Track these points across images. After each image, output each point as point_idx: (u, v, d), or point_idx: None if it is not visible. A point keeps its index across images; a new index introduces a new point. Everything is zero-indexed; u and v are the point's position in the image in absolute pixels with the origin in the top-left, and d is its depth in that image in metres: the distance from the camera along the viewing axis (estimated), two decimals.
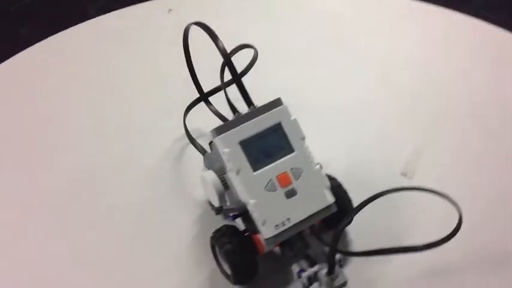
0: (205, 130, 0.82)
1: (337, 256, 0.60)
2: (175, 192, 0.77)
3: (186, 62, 0.79)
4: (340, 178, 0.68)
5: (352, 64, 0.96)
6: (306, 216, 0.61)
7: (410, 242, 0.58)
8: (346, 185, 0.67)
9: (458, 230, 0.58)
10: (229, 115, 0.77)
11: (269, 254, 0.65)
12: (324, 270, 0.60)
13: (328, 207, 0.62)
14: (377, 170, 0.78)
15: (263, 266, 0.65)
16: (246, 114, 0.61)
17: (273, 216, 0.60)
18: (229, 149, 0.60)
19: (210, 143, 0.72)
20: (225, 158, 0.60)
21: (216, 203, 0.67)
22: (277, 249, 0.66)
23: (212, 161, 0.69)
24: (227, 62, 0.64)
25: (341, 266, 0.61)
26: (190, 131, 0.80)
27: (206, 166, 0.73)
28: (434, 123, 0.85)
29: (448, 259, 0.67)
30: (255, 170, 0.60)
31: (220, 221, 0.71)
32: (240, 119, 0.61)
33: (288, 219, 0.60)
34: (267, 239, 0.60)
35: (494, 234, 0.70)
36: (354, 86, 0.92)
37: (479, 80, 0.91)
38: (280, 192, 0.60)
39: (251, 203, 0.59)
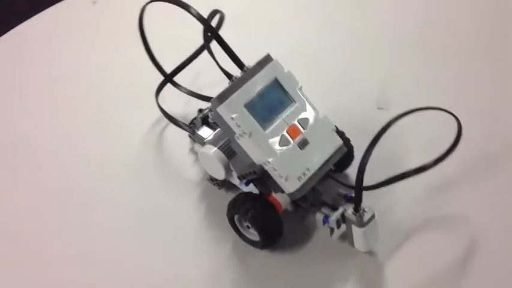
0: (178, 112, 0.80)
1: None
2: (167, 177, 0.74)
3: (143, 44, 0.76)
4: None
5: (297, 11, 0.96)
6: (322, 163, 0.62)
7: (411, 166, 0.60)
8: None
9: (459, 139, 0.60)
10: (201, 90, 0.77)
11: (283, 213, 0.65)
12: (350, 210, 0.61)
13: (340, 148, 0.63)
14: (354, 111, 0.80)
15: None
16: (241, 77, 0.60)
17: (293, 170, 0.60)
18: (236, 114, 0.58)
19: (192, 123, 0.71)
20: (233, 124, 0.59)
21: (222, 176, 0.66)
22: (290, 207, 0.67)
23: (208, 131, 0.68)
24: (207, 26, 0.63)
25: None
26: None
27: (199, 142, 0.71)
28: (396, 54, 0.87)
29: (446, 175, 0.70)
30: (265, 129, 0.60)
31: (223, 195, 0.70)
32: (237, 83, 0.60)
33: (308, 169, 0.61)
34: (292, 193, 0.60)
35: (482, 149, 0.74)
36: (304, 32, 0.92)
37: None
38: (294, 144, 0.60)
39: (270, 162, 0.59)
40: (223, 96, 0.59)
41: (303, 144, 0.61)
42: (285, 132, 0.60)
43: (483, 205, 0.68)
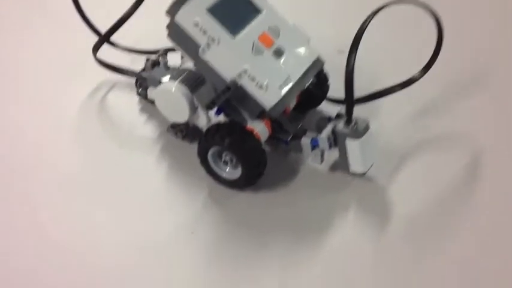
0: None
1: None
2: (120, 140, 0.64)
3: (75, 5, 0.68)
4: None
5: None
6: (302, 72, 0.54)
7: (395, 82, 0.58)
8: None
9: (441, 40, 0.56)
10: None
11: None
12: (341, 124, 0.54)
13: (318, 60, 0.56)
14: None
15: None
16: None
17: (273, 78, 0.52)
18: (200, 17, 0.50)
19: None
20: (197, 32, 0.51)
21: (186, 116, 0.57)
22: (270, 146, 0.59)
23: (163, 72, 0.60)
24: None
25: None
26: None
27: (153, 86, 0.62)
28: None
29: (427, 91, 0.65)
30: (234, 35, 0.52)
31: (187, 147, 0.60)
32: None
33: (288, 77, 0.53)
34: (273, 106, 0.52)
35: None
36: None
37: None
38: (268, 53, 0.53)
39: (247, 70, 0.51)
40: (179, 3, 0.51)
41: (278, 53, 0.53)
42: (256, 40, 0.53)
43: (477, 121, 0.62)
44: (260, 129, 0.55)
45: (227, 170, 0.55)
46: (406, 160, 0.58)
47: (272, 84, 0.51)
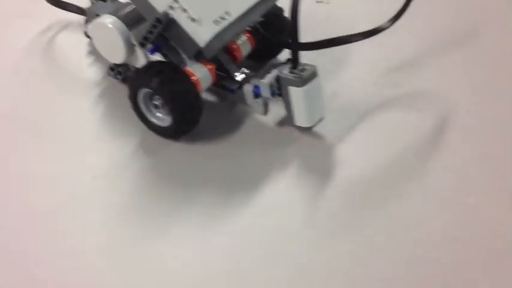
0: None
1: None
2: (62, 81, 0.59)
3: None
4: None
5: None
6: (246, 8, 0.48)
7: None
8: None
9: None
10: None
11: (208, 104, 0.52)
12: (286, 69, 0.48)
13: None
14: None
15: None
16: None
17: (208, 11, 0.46)
18: None
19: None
20: None
21: (122, 55, 0.52)
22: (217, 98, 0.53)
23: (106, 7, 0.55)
24: None
25: None
26: None
27: (91, 20, 0.56)
28: None
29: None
30: None
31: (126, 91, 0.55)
32: None
33: (227, 12, 0.47)
34: (207, 44, 0.46)
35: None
36: None
37: None
38: None
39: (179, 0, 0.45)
40: None
41: None
42: None
43: (447, 82, 0.55)
44: (202, 74, 0.49)
45: (158, 115, 0.50)
46: (364, 118, 0.52)
47: (206, 18, 0.46)
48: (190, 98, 0.48)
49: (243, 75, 0.51)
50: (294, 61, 0.47)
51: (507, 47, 0.59)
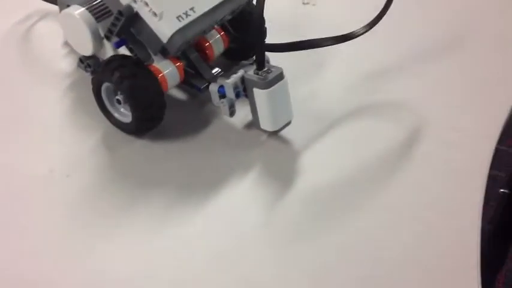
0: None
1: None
2: (34, 71, 0.58)
3: None
4: None
5: None
6: (212, 6, 0.46)
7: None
8: None
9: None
10: None
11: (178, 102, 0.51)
12: (251, 70, 0.46)
13: None
14: (278, 7, 0.65)
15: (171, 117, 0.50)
16: None
17: (171, 6, 0.45)
18: None
19: None
20: None
21: (90, 47, 0.51)
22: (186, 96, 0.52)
23: None
24: None
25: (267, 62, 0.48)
26: None
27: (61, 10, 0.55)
28: None
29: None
30: None
31: None
32: None
33: (192, 8, 0.45)
34: (169, 39, 0.45)
35: None
36: None
37: None
38: None
39: None
40: None
41: None
42: None
43: (423, 91, 0.53)
44: (168, 70, 0.48)
45: (122, 110, 0.49)
46: (335, 124, 0.50)
47: (168, 13, 0.44)
48: (152, 94, 0.47)
49: (215, 74, 0.50)
50: (258, 62, 0.45)
51: (493, 56, 0.57)
